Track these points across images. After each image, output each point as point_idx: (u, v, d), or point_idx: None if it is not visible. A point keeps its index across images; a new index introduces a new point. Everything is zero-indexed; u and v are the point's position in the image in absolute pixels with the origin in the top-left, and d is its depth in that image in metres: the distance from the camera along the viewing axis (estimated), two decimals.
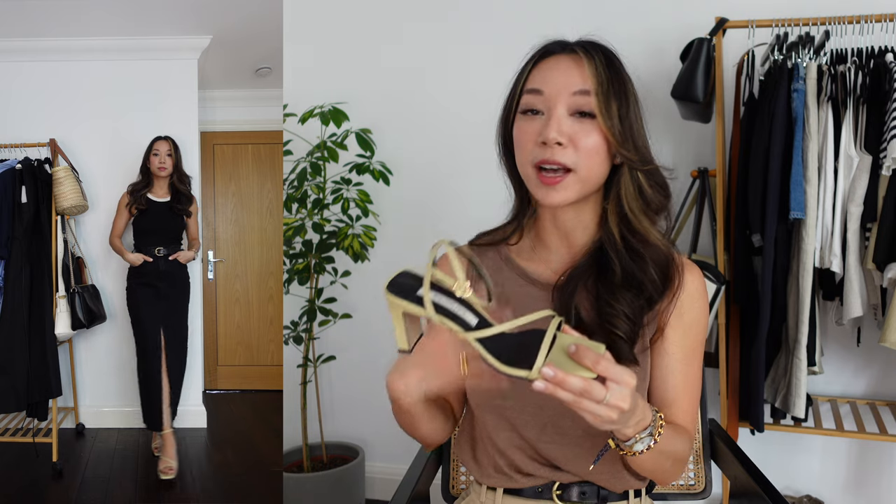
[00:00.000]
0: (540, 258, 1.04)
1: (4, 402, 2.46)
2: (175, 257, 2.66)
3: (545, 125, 0.91)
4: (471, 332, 0.72)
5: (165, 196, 2.72)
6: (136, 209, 2.67)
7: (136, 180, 2.74)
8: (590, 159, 0.92)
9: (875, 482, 2.20)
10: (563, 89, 0.92)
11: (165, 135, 2.75)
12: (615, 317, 0.94)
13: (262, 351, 3.90)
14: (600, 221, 1.00)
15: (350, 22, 2.57)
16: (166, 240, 2.69)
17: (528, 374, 0.70)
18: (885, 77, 1.73)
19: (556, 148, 0.90)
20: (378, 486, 2.64)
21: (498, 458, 1.04)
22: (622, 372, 0.73)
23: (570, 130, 0.91)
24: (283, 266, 2.81)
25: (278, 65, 2.96)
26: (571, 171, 0.91)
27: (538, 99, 0.93)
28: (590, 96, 0.91)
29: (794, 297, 1.82)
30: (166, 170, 2.68)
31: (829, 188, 1.78)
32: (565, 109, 0.92)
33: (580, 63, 0.93)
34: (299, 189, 2.30)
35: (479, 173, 2.45)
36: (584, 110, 0.91)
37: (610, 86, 0.92)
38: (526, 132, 0.94)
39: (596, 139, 0.91)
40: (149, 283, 2.64)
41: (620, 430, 0.81)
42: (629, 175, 0.95)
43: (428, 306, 0.73)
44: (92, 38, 3.02)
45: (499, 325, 0.74)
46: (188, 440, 2.86)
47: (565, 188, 0.92)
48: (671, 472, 0.96)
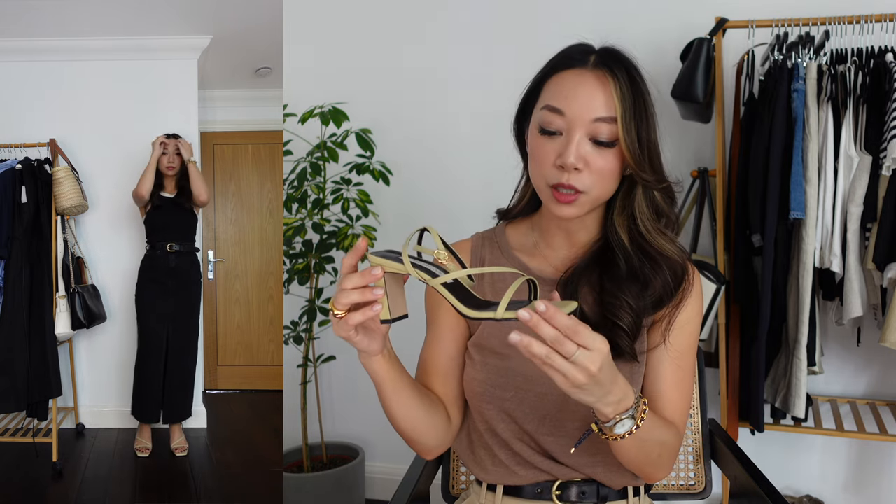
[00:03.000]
0: (542, 254, 1.06)
1: (4, 402, 2.46)
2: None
3: (564, 148, 0.91)
4: (437, 279, 0.78)
5: (173, 192, 2.74)
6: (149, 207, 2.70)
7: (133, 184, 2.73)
8: (603, 181, 0.93)
9: (875, 482, 2.20)
10: (586, 114, 0.91)
11: (174, 132, 2.76)
12: (619, 308, 0.95)
13: (262, 351, 3.90)
14: (603, 222, 1.01)
15: (350, 22, 2.57)
16: (178, 236, 2.70)
17: (493, 314, 0.75)
18: (885, 77, 1.72)
19: (572, 173, 0.91)
20: (378, 486, 2.64)
21: (499, 450, 1.04)
22: (593, 337, 0.73)
23: (587, 155, 0.91)
24: (283, 266, 2.81)
25: (278, 65, 2.96)
26: (583, 193, 0.92)
27: (559, 119, 0.92)
28: (610, 124, 0.90)
29: (794, 297, 1.82)
30: (174, 168, 2.71)
31: (829, 188, 1.78)
32: (585, 134, 0.91)
33: (605, 85, 0.91)
34: (299, 189, 2.30)
35: (479, 173, 2.46)
36: (603, 140, 0.91)
37: (633, 109, 0.91)
38: (544, 152, 0.93)
39: (612, 162, 0.92)
40: (158, 280, 2.67)
41: (599, 407, 0.80)
42: (643, 194, 0.96)
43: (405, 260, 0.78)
44: (92, 38, 3.02)
45: (467, 269, 0.79)
46: (188, 440, 2.86)
47: (579, 206, 0.93)
48: (658, 465, 0.95)
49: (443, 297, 0.79)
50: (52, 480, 2.42)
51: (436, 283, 0.78)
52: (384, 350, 0.88)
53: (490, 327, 1.04)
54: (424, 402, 0.99)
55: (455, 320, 1.07)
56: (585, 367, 0.72)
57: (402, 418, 0.97)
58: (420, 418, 0.98)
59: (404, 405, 0.95)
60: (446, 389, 1.06)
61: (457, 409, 1.07)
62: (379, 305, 0.79)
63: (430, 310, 1.10)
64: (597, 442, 1.00)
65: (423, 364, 1.09)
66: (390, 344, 0.91)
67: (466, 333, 1.08)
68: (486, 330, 1.04)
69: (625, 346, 0.95)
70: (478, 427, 1.06)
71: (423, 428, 0.99)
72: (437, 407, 1.03)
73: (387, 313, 0.81)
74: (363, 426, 2.67)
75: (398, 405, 0.95)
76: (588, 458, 1.01)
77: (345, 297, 0.78)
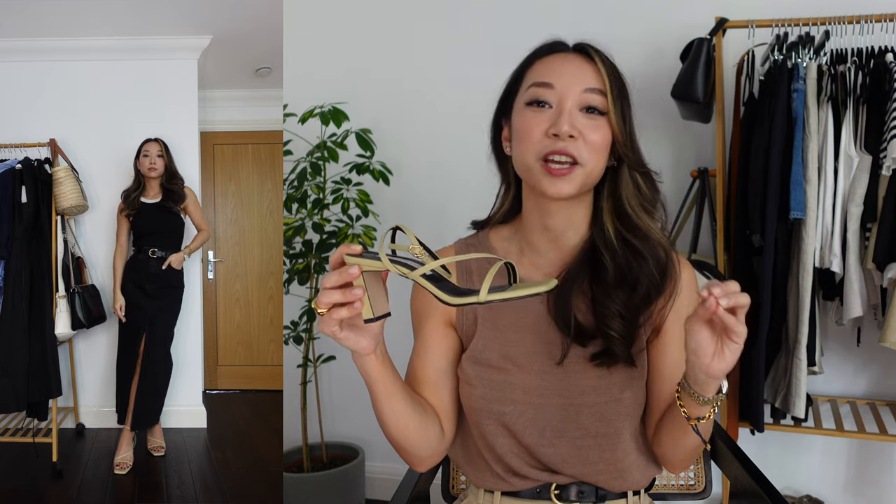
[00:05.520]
0: (529, 262, 1.03)
1: (4, 402, 2.46)
2: (166, 264, 2.66)
3: (557, 118, 0.92)
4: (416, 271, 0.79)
5: (157, 197, 2.73)
6: (129, 214, 2.70)
7: (129, 185, 2.77)
8: (596, 154, 0.93)
9: (875, 482, 2.20)
10: (576, 84, 0.93)
11: (155, 137, 2.76)
12: (610, 317, 0.94)
13: (262, 351, 3.90)
14: (591, 221, 1.00)
15: (350, 22, 2.57)
16: (162, 241, 2.70)
17: (476, 298, 0.76)
18: (885, 77, 1.72)
19: (568, 140, 0.91)
20: (378, 486, 2.64)
21: (495, 465, 1.03)
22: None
23: (580, 125, 0.92)
24: (283, 266, 2.81)
25: (278, 65, 2.96)
26: (578, 165, 0.92)
27: (549, 92, 0.94)
28: (600, 95, 0.93)
29: (794, 297, 1.82)
30: (157, 170, 2.70)
31: (829, 188, 1.78)
32: (576, 105, 0.93)
33: (592, 62, 0.95)
34: (299, 189, 2.30)
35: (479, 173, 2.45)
36: (595, 106, 0.93)
37: (618, 89, 0.94)
38: (534, 123, 0.93)
39: (604, 135, 0.93)
40: (138, 284, 2.66)
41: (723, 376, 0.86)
42: (628, 174, 0.97)
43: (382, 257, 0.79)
44: (92, 38, 3.02)
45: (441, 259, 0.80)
46: (188, 440, 2.86)
47: (572, 180, 0.92)
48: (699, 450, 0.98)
49: (424, 287, 0.80)
50: (52, 480, 2.42)
51: (415, 274, 0.79)
52: (376, 350, 0.86)
53: (485, 340, 1.01)
54: (418, 410, 0.96)
55: (442, 331, 1.04)
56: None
57: (393, 424, 0.94)
58: (412, 426, 0.95)
59: (395, 410, 0.92)
60: (437, 400, 1.03)
61: (450, 420, 1.04)
62: (359, 304, 0.79)
63: (416, 320, 1.07)
64: (597, 449, 0.99)
65: (411, 374, 1.05)
66: (384, 346, 0.89)
67: (455, 345, 1.05)
68: (481, 343, 1.01)
69: (619, 352, 0.95)
70: (475, 441, 1.04)
71: (415, 436, 0.96)
72: (431, 417, 1.00)
73: (369, 312, 0.81)
74: (363, 426, 2.67)
75: (390, 410, 0.92)
76: (589, 467, 1.00)
77: (326, 296, 0.78)
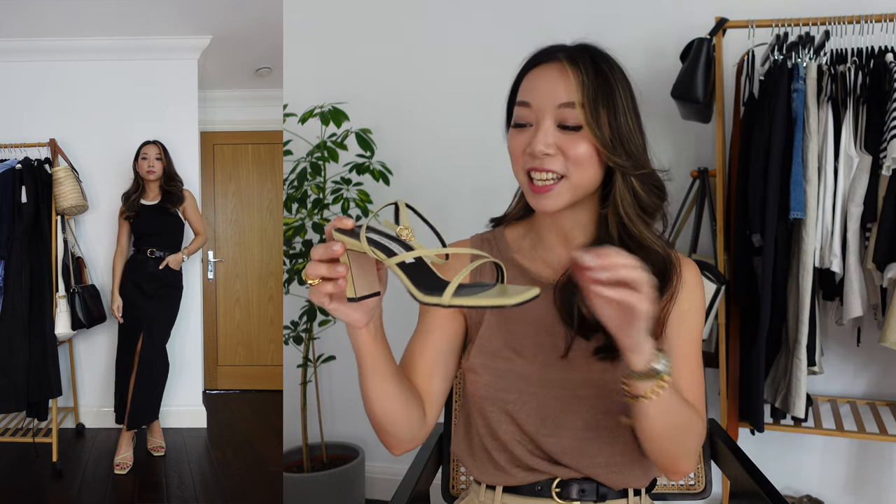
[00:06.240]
0: (540, 257, 1.05)
1: (4, 402, 2.46)
2: (164, 265, 2.67)
3: (533, 137, 0.93)
4: (392, 258, 0.76)
5: (156, 199, 2.74)
6: (129, 216, 2.72)
7: (128, 188, 2.78)
8: (581, 166, 0.93)
9: (875, 482, 2.20)
10: (549, 101, 0.93)
11: (154, 139, 2.77)
12: None
13: (262, 351, 3.90)
14: (598, 222, 1.01)
15: (350, 22, 2.57)
16: (162, 241, 2.71)
17: (439, 300, 0.73)
18: (885, 77, 1.73)
19: (545, 158, 0.92)
20: (378, 486, 2.64)
21: (497, 454, 1.04)
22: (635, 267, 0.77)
23: (557, 141, 0.92)
24: (283, 266, 2.81)
25: (278, 65, 2.96)
26: (564, 178, 0.93)
27: (527, 112, 0.95)
28: (575, 108, 0.92)
29: (794, 297, 1.82)
30: (155, 173, 2.72)
31: (829, 188, 1.78)
32: (552, 122, 0.93)
33: (565, 73, 0.93)
34: (299, 189, 2.30)
35: (479, 173, 2.46)
36: (569, 124, 0.92)
37: (596, 95, 0.92)
38: (516, 143, 0.96)
39: (585, 148, 0.92)
40: (137, 284, 2.68)
41: (642, 347, 0.81)
42: (622, 181, 0.95)
43: (362, 237, 0.77)
44: (92, 38, 3.02)
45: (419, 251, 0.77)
46: (188, 440, 2.86)
47: (557, 195, 0.93)
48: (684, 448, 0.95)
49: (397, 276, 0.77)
50: (52, 480, 2.42)
51: (391, 262, 0.76)
52: (369, 324, 0.86)
53: (492, 329, 1.03)
54: (403, 392, 0.96)
55: (449, 314, 1.05)
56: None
57: (376, 400, 0.94)
58: (395, 407, 0.95)
59: (381, 387, 0.92)
60: (428, 385, 1.03)
61: (433, 407, 1.03)
62: (343, 281, 0.78)
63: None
64: (598, 442, 1.00)
65: (408, 354, 1.06)
66: (379, 321, 0.89)
67: (460, 331, 1.07)
68: (488, 332, 1.03)
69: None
70: (479, 430, 1.06)
71: (397, 417, 0.96)
72: (416, 400, 1.00)
73: (351, 291, 0.80)
74: (363, 426, 2.63)
75: (375, 386, 0.92)
76: (588, 459, 1.01)
77: (312, 268, 0.78)
